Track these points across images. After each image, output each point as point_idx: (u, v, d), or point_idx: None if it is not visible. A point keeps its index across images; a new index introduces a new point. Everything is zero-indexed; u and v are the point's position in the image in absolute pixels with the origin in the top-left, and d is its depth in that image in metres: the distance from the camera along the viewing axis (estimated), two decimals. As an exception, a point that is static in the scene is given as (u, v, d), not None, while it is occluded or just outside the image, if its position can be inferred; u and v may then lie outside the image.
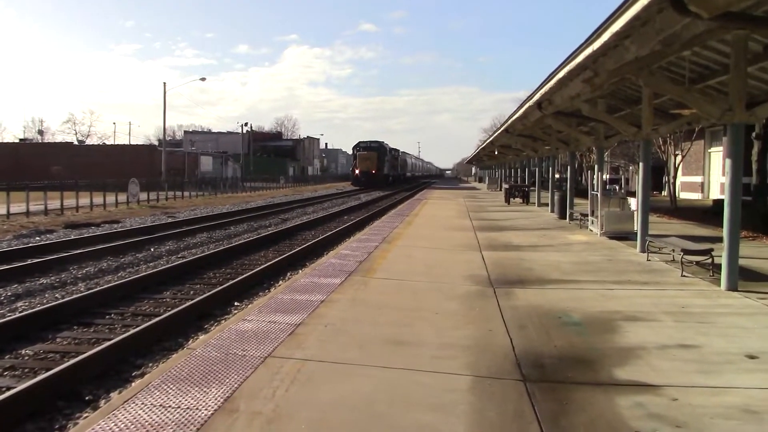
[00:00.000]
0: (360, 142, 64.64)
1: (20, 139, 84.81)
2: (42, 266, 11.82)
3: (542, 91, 13.84)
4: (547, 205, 25.07)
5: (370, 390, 4.63)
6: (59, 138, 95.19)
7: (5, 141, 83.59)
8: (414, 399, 4.46)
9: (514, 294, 8.15)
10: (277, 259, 12.90)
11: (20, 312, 8.47)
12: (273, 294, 8.12)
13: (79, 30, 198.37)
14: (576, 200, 20.98)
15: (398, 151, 78.24)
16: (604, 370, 5.13)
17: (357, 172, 62.68)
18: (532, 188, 31.70)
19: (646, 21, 7.55)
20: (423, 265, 10.66)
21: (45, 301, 9.30)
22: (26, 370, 6.34)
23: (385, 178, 64.45)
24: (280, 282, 10.75)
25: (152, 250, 14.63)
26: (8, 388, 5.58)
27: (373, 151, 62.70)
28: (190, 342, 7.04)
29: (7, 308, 8.88)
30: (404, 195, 45.99)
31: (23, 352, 6.93)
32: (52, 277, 10.97)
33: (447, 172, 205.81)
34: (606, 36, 8.28)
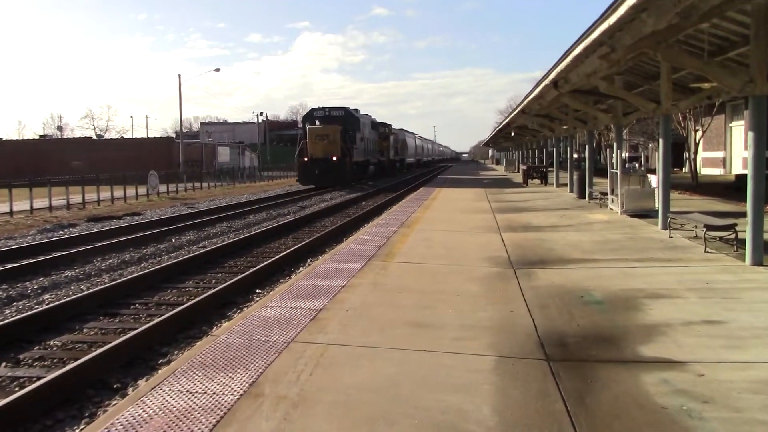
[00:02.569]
0: (313, 110, 39.74)
1: (40, 136, 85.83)
2: (66, 259, 11.98)
3: (558, 69, 13.67)
4: (565, 185, 24.88)
5: (393, 372, 4.65)
6: (78, 133, 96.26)
7: (26, 138, 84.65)
8: (437, 380, 4.48)
9: (534, 274, 8.12)
10: (296, 246, 12.96)
11: (47, 304, 8.61)
12: (294, 280, 8.16)
13: (93, 25, 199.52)
14: (595, 179, 20.80)
15: (388, 126, 55.11)
16: (628, 348, 5.10)
17: (305, 159, 36.06)
18: (550, 169, 31.46)
19: (663, -7, 7.41)
20: (443, 247, 10.65)
21: (71, 292, 9.44)
22: (55, 360, 6.45)
23: (359, 168, 40.67)
24: (301, 268, 10.81)
25: (173, 240, 14.76)
26: (38, 378, 5.68)
27: (333, 124, 37.04)
28: (214, 329, 7.11)
29: (35, 300, 9.03)
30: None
31: (51, 342, 7.05)
32: (77, 270, 11.12)
33: (464, 155, 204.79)
34: (622, 10, 8.15)
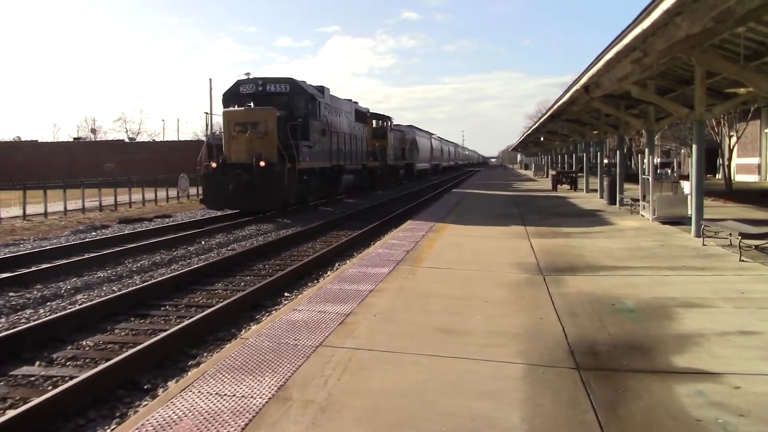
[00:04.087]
0: (240, 84, 23.72)
1: (74, 138, 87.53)
2: (99, 260, 12.17)
3: (589, 74, 13.53)
4: (595, 191, 24.58)
5: (422, 378, 4.63)
6: (111, 136, 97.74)
7: (61, 140, 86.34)
8: (466, 387, 4.44)
9: (564, 281, 8.02)
10: (324, 250, 13.00)
11: (80, 304, 8.76)
12: (322, 284, 8.18)
13: (126, 29, 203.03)
14: (626, 185, 20.50)
15: (386, 119, 40.53)
16: (661, 358, 5.00)
17: (213, 165, 21.35)
18: (579, 174, 31.12)
19: (698, -3, 7.29)
20: (471, 253, 10.59)
21: (103, 293, 9.59)
22: (87, 360, 6.55)
23: (321, 178, 25.52)
24: (329, 272, 10.84)
25: (203, 243, 14.92)
26: (71, 377, 5.78)
27: (268, 105, 22.11)
28: (243, 332, 7.15)
29: (68, 301, 9.19)
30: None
31: (84, 342, 7.16)
32: (109, 271, 11.30)
33: (492, 160, 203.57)
34: (656, 14, 8.04)
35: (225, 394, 4.33)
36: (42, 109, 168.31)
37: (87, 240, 14.98)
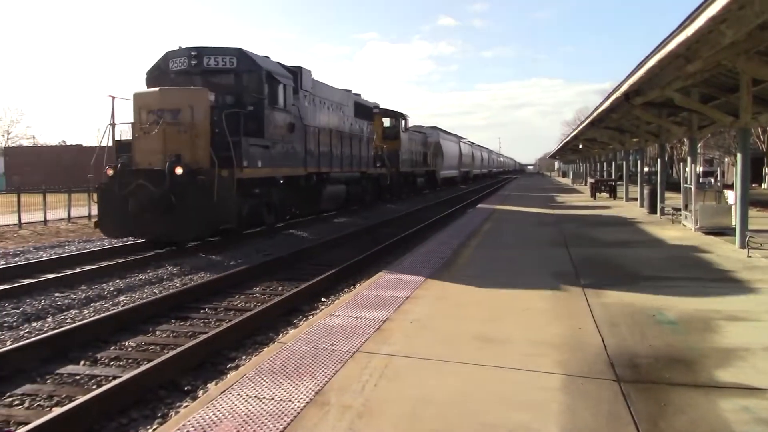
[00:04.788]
0: (169, 57, 16.04)
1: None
2: (141, 262, 12.41)
3: (630, 81, 13.35)
4: (635, 199, 24.17)
5: (459, 386, 4.62)
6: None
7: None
8: (504, 396, 4.42)
9: (603, 291, 7.91)
10: (361, 256, 13.04)
11: (122, 306, 8.97)
12: (358, 290, 8.23)
13: (170, 32, 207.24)
14: (667, 194, 20.13)
15: (400, 116, 34.58)
16: (704, 372, 4.90)
17: (111, 172, 14.17)
18: (619, 182, 30.64)
19: (744, 4, 7.15)
20: (507, 261, 10.52)
21: (144, 295, 9.79)
22: (129, 361, 6.69)
23: (285, 191, 18.11)
24: (365, 279, 10.88)
25: (245, 248, 15.08)
26: (114, 377, 5.92)
27: (190, 88, 14.88)
28: (281, 336, 7.23)
29: (111, 302, 9.41)
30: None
31: (126, 343, 7.32)
32: (150, 273, 11.51)
33: (529, 167, 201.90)
34: (700, 21, 7.90)
35: (264, 398, 4.39)
36: (86, 114, 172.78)
37: (129, 242, 15.30)
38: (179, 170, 13.39)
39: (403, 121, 34.82)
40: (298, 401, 4.32)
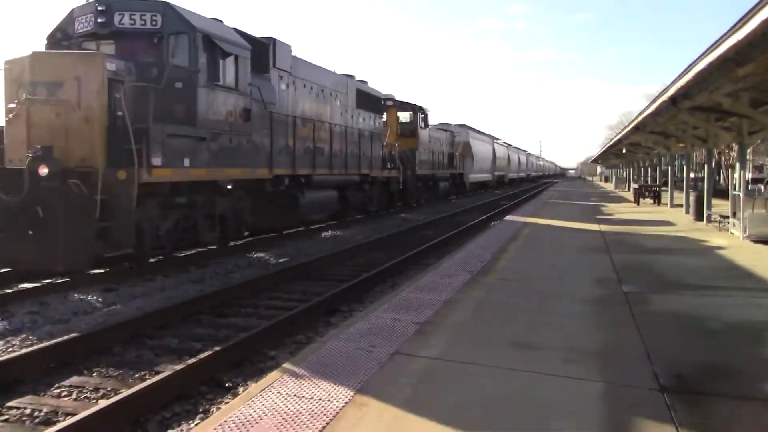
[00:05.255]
0: (74, 13, 11.62)
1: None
2: (182, 261, 12.61)
3: (678, 85, 13.06)
4: (680, 206, 23.62)
5: (498, 392, 4.59)
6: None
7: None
8: (543, 403, 4.37)
9: (647, 299, 7.76)
10: (400, 258, 13.06)
11: (166, 302, 9.16)
12: (397, 292, 8.24)
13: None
14: (714, 201, 19.61)
15: (419, 111, 30.25)
16: (752, 384, 4.76)
17: None
18: (663, 188, 29.98)
19: (800, 6, 6.94)
20: (548, 266, 10.40)
21: (186, 293, 9.99)
22: (172, 357, 6.83)
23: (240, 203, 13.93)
24: (405, 280, 10.89)
25: (284, 248, 15.25)
26: (157, 372, 6.06)
27: (78, 52, 10.93)
28: (320, 336, 7.29)
29: (155, 298, 9.62)
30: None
31: (167, 340, 7.48)
32: (193, 272, 11.70)
33: (570, 171, 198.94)
34: (753, 24, 7.70)
35: (303, 396, 4.43)
36: None
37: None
38: (43, 170, 9.16)
39: (422, 116, 30.11)
40: (337, 401, 4.35)
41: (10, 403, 5.42)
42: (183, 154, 11.11)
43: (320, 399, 4.39)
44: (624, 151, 39.86)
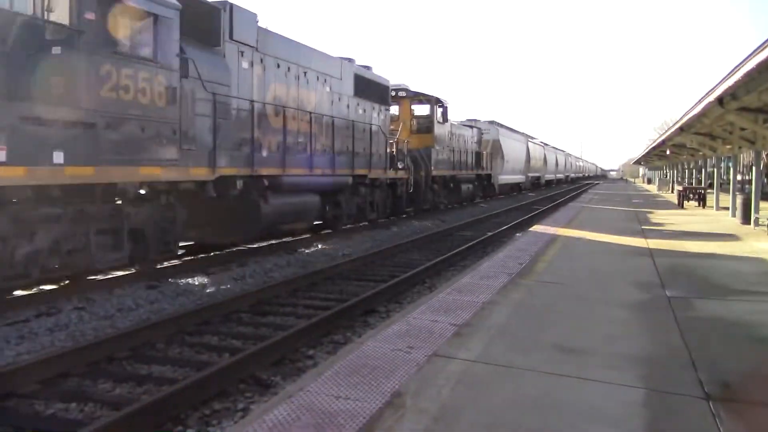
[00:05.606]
0: None
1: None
2: (221, 259, 12.80)
3: (725, 85, 12.72)
4: (726, 209, 23.00)
5: (537, 396, 4.53)
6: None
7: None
8: (584, 409, 4.30)
9: (691, 304, 7.57)
10: (438, 259, 13.03)
11: (206, 301, 9.31)
12: (435, 293, 8.21)
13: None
14: (762, 204, 19.04)
15: (437, 104, 26.46)
16: (802, 394, 4.60)
17: None
18: (709, 190, 29.24)
19: None
20: (588, 269, 10.24)
21: (227, 292, 10.14)
22: (213, 354, 6.94)
23: None
24: (443, 281, 10.86)
25: (319, 246, 15.36)
26: (199, 370, 6.15)
27: None
28: (358, 336, 7.32)
29: (196, 297, 9.79)
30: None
31: (207, 338, 7.60)
32: (234, 270, 11.86)
33: (611, 172, 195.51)
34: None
35: (340, 396, 4.45)
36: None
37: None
38: None
39: (441, 110, 26.46)
40: (374, 402, 4.36)
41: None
42: (52, 146, 8.15)
43: (357, 399, 4.40)
44: (667, 152, 39.03)
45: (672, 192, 43.36)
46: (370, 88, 18.97)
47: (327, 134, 16.07)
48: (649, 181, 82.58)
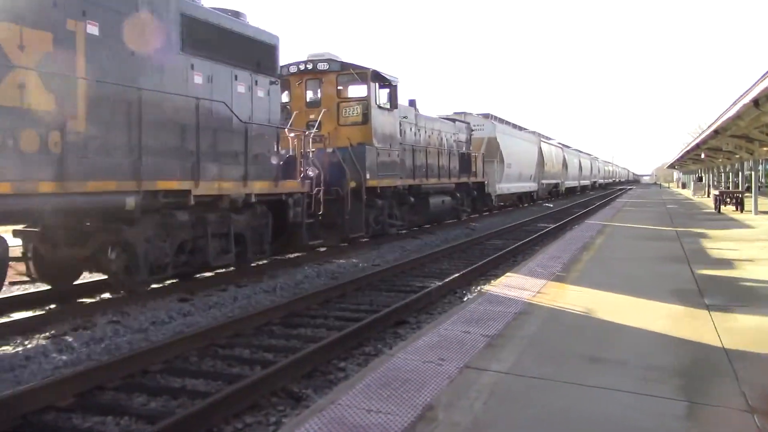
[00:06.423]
0: None
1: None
2: (253, 270, 12.88)
3: (760, 87, 12.46)
4: (766, 213, 22.46)
5: (571, 409, 4.44)
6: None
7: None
8: (620, 422, 4.21)
9: (732, 314, 7.36)
10: (468, 268, 12.92)
11: (237, 314, 9.37)
12: (466, 304, 8.14)
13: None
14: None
15: (379, 75, 17.39)
16: None
17: None
18: (746, 194, 28.56)
19: None
20: (621, 277, 10.05)
21: (257, 304, 10.19)
22: (245, 367, 6.97)
23: None
24: (474, 291, 10.77)
25: (353, 260, 15.37)
26: (231, 383, 6.18)
27: None
28: (389, 348, 7.28)
29: (228, 309, 9.86)
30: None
31: (239, 350, 7.63)
32: (265, 283, 11.92)
33: (644, 177, 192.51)
34: None
35: (372, 410, 4.42)
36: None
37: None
38: None
39: (383, 90, 18.14)
40: (406, 415, 4.32)
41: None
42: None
43: (389, 413, 4.36)
44: (702, 156, 38.29)
45: (708, 196, 42.50)
46: (227, 44, 11.38)
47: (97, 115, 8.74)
48: (684, 186, 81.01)
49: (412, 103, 21.88)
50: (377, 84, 17.83)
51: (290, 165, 13.71)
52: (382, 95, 18.22)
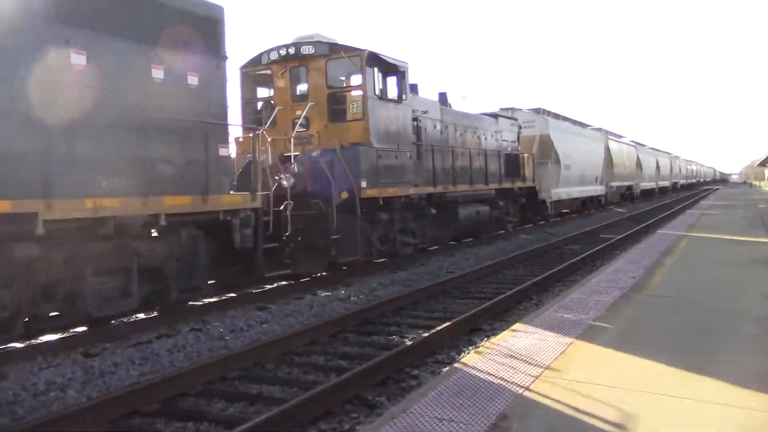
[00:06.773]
0: None
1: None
2: (322, 281, 12.98)
3: None
4: None
5: (659, 424, 4.25)
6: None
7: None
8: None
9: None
10: (544, 275, 12.65)
11: (313, 321, 9.52)
12: (542, 310, 7.96)
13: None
14: None
15: (378, 57, 13.76)
16: None
17: None
18: None
19: None
20: (706, 280, 9.58)
21: (332, 311, 10.32)
22: (319, 374, 7.06)
23: None
24: (550, 298, 10.53)
25: (421, 266, 15.31)
26: (306, 390, 6.27)
27: None
28: (462, 356, 7.20)
29: (303, 317, 10.02)
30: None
31: (314, 357, 7.73)
32: (340, 290, 12.05)
33: (733, 176, 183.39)
34: None
35: (444, 419, 4.38)
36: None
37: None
38: None
39: (390, 78, 14.99)
40: (479, 425, 4.25)
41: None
42: None
43: (461, 422, 4.31)
44: (796, 151, 36.00)
45: (803, 194, 39.94)
46: (134, 14, 8.45)
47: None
48: (776, 184, 76.56)
49: (442, 96, 18.92)
50: (376, 69, 14.21)
51: (246, 174, 11.10)
52: (382, 83, 14.64)
